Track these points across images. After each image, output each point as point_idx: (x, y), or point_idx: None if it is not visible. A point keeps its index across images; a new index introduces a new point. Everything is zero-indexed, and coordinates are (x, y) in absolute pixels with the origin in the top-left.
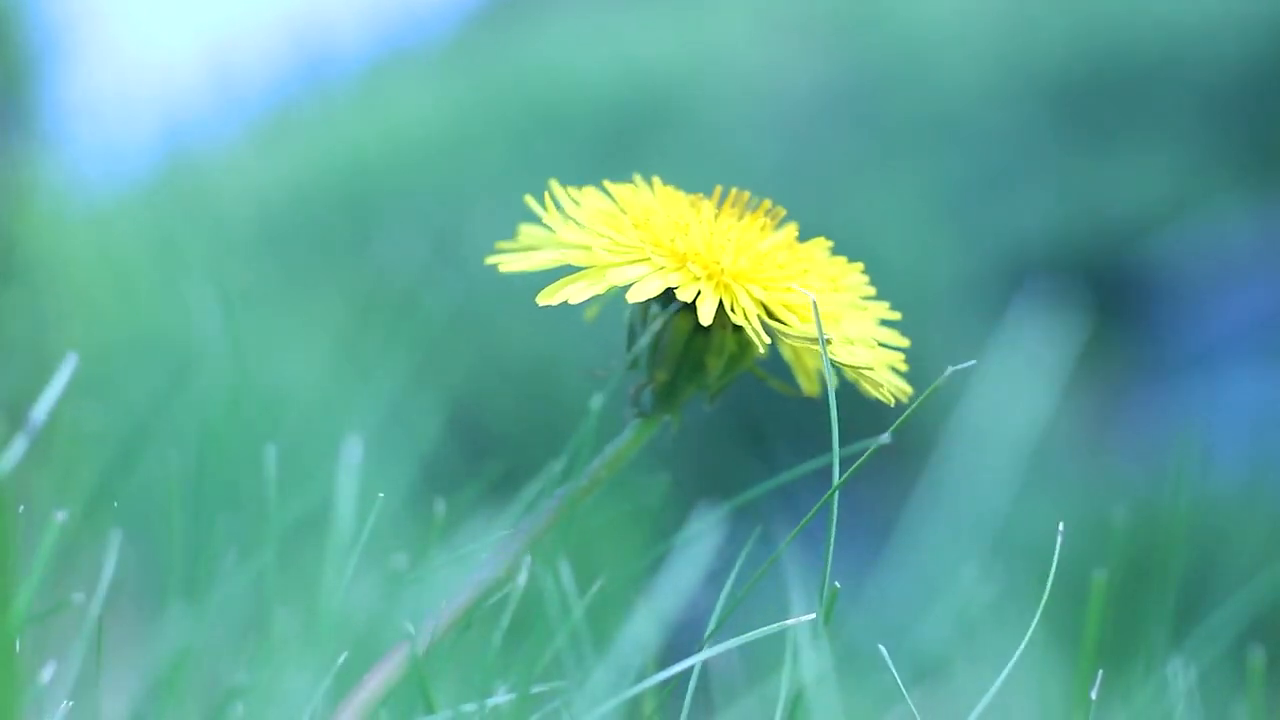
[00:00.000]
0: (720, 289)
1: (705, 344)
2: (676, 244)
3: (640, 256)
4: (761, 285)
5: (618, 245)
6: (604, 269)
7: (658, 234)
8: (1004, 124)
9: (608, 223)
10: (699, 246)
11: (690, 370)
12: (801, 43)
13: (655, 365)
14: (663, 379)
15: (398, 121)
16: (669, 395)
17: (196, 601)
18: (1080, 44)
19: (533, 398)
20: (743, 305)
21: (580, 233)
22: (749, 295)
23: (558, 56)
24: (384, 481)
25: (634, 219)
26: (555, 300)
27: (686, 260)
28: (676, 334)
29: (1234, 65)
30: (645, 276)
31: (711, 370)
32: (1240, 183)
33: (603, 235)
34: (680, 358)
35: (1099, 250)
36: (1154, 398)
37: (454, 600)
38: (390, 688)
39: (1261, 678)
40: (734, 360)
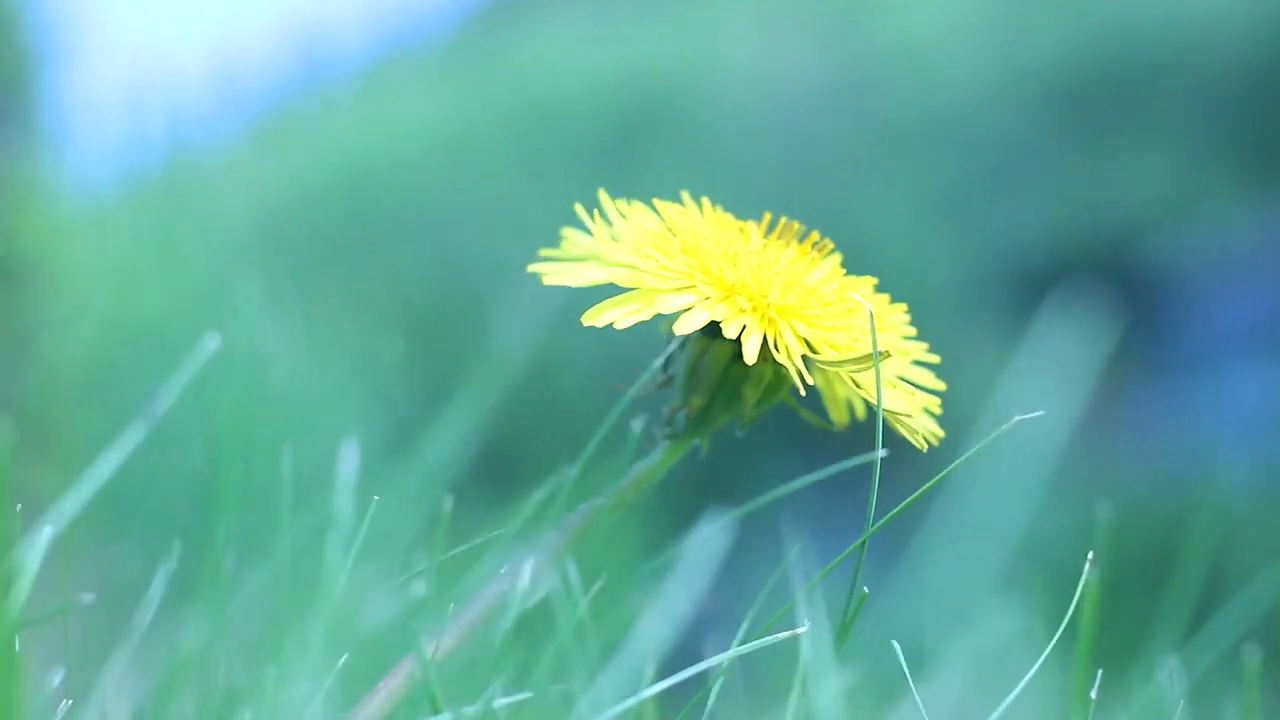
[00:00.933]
0: (765, 323)
1: (743, 374)
2: (725, 275)
3: (688, 284)
4: (806, 323)
5: (664, 270)
6: (651, 294)
7: (706, 262)
8: (1004, 124)
9: (656, 245)
10: (746, 278)
11: (726, 398)
12: (801, 43)
13: (691, 390)
14: (698, 404)
15: (398, 122)
16: (703, 420)
17: (201, 604)
18: (1080, 44)
19: (532, 398)
20: (786, 343)
21: (628, 253)
22: (793, 332)
23: (558, 57)
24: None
25: (682, 243)
26: (600, 322)
27: (734, 292)
28: (715, 362)
29: (1234, 65)
30: (692, 306)
31: (748, 400)
32: (1241, 182)
33: (650, 258)
34: (717, 385)
35: (1099, 250)
36: (1155, 397)
37: (467, 613)
38: (400, 700)
39: (1257, 678)
40: (770, 391)
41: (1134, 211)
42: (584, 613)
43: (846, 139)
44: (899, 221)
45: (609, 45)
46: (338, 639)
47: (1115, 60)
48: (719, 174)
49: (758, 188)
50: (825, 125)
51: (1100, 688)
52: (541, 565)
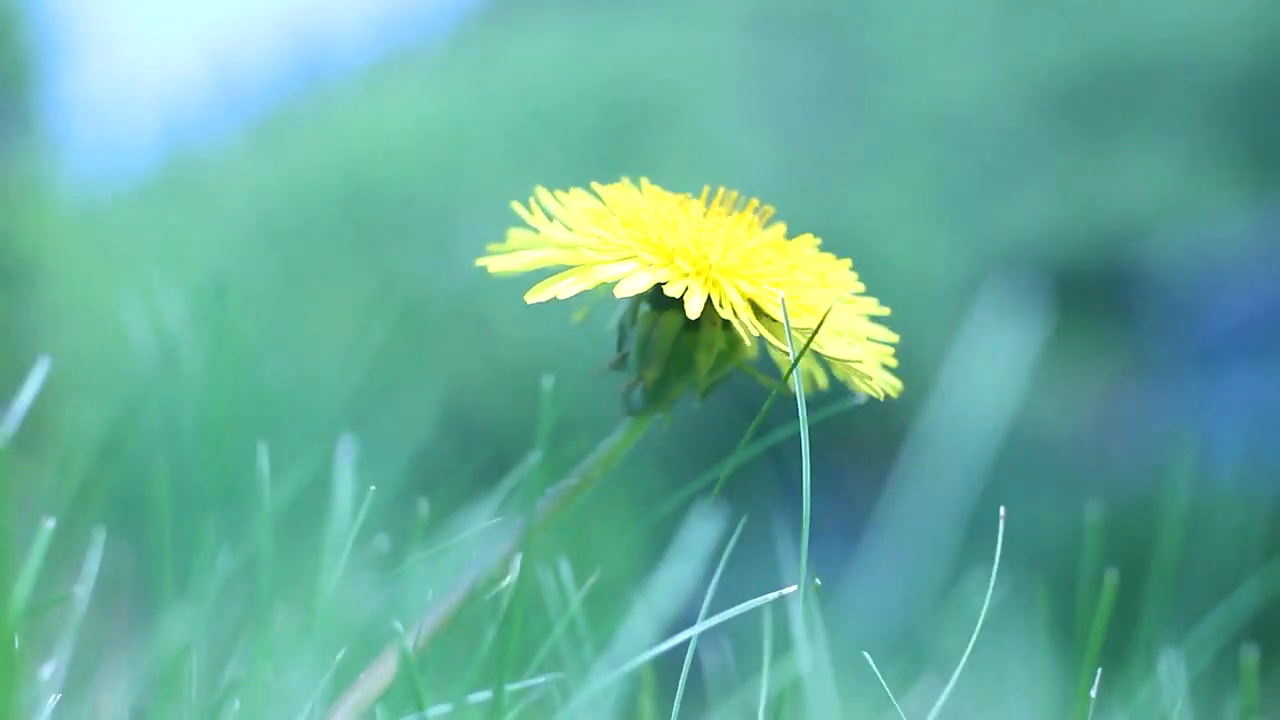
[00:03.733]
0: (708, 284)
1: (694, 341)
2: (665, 241)
3: (628, 254)
4: (749, 280)
5: (606, 244)
6: (591, 266)
7: (646, 231)
8: (1004, 124)
9: (596, 222)
10: (687, 243)
11: (680, 367)
12: (798, 41)
13: (645, 363)
14: (653, 376)
15: (395, 121)
16: (659, 393)
17: (193, 598)
18: (1080, 44)
19: (527, 394)
20: (731, 300)
21: (568, 233)
22: (737, 290)
23: (555, 56)
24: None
25: (622, 218)
26: (544, 297)
27: (674, 256)
28: (665, 331)
29: (1233, 65)
30: (633, 272)
31: (701, 367)
32: (1238, 182)
33: (591, 234)
34: (670, 355)
35: (1098, 249)
36: (1152, 396)
37: (445, 598)
38: (385, 687)
39: (1255, 676)
40: (723, 357)
41: (1133, 211)
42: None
43: (844, 138)
44: (898, 221)
45: (607, 44)
46: (330, 632)
47: (1115, 60)
48: (717, 173)
49: (756, 187)
50: (823, 124)
51: (1098, 685)
52: (513, 549)
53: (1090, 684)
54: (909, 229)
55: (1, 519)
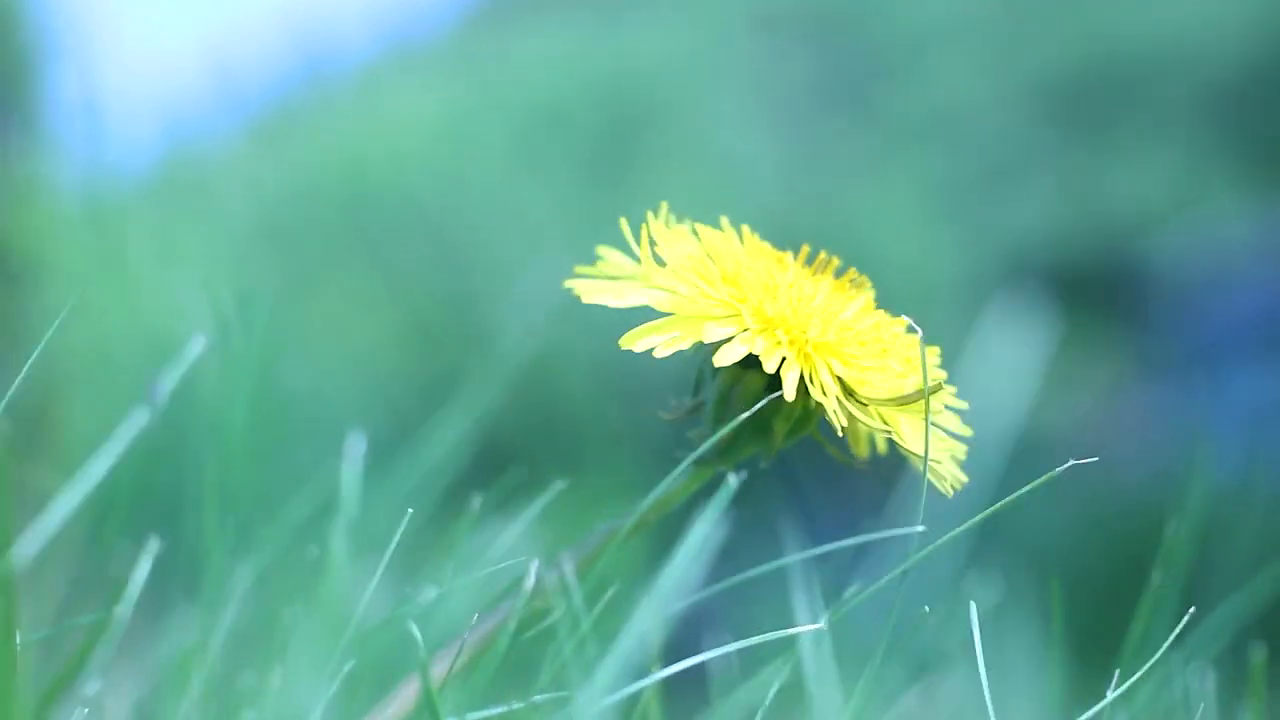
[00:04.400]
0: (802, 359)
1: (774, 407)
2: (765, 308)
3: (730, 313)
4: (843, 361)
5: (706, 298)
6: (692, 322)
7: (746, 292)
8: (1003, 122)
9: (696, 271)
10: (786, 313)
11: (755, 430)
12: (799, 39)
13: (721, 420)
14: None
15: (397, 119)
16: (730, 450)
17: (204, 604)
18: (1080, 43)
19: (531, 397)
20: (821, 380)
21: (669, 277)
22: (829, 371)
23: (557, 54)
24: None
25: (722, 271)
26: (639, 348)
27: (773, 326)
28: (747, 392)
29: (1234, 64)
30: (734, 339)
31: (777, 433)
32: (1239, 181)
33: (692, 285)
34: (747, 417)
35: (1099, 248)
36: (1154, 396)
37: (479, 629)
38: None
39: (1263, 675)
40: (799, 425)
41: (1135, 210)
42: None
43: (845, 137)
44: (898, 221)
45: (608, 43)
46: (340, 640)
47: (1116, 59)
48: (718, 172)
49: (756, 186)
50: (823, 123)
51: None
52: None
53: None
54: (909, 229)
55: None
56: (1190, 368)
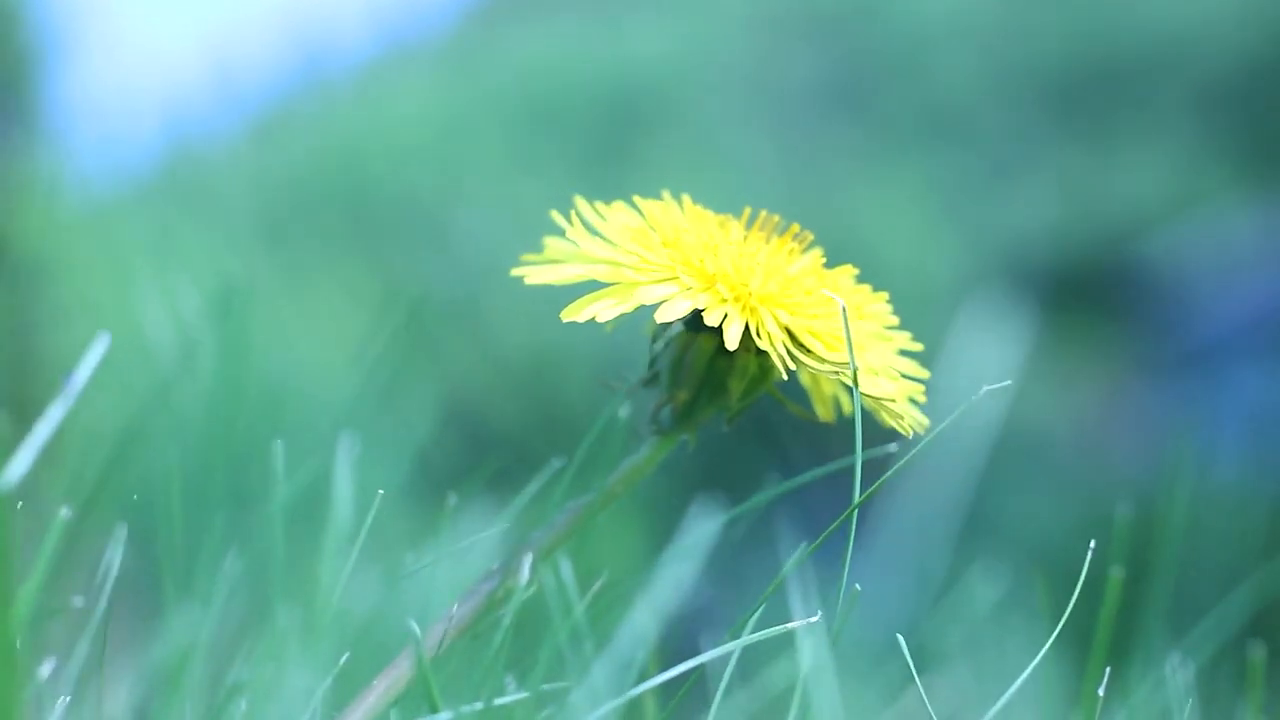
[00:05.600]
0: (747, 312)
1: (728, 366)
2: (705, 265)
3: (669, 275)
4: (788, 310)
5: (646, 263)
6: (632, 287)
7: (687, 253)
8: (1003, 120)
9: (636, 240)
10: (728, 268)
11: (712, 391)
12: (799, 37)
13: (676, 384)
14: (684, 399)
15: (396, 116)
16: (689, 415)
17: (197, 598)
18: (1080, 40)
19: (529, 392)
20: (768, 330)
21: (608, 249)
22: (775, 320)
23: (554, 52)
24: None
25: (663, 237)
26: (581, 317)
27: (715, 282)
28: (700, 355)
29: (1234, 62)
30: (674, 296)
31: (733, 392)
32: (1240, 180)
33: (631, 252)
34: (702, 378)
35: (1099, 247)
36: (1154, 394)
37: (460, 608)
38: (396, 695)
39: (1261, 674)
40: (755, 383)
41: (1134, 209)
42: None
43: (845, 134)
44: (898, 217)
45: (606, 40)
46: (335, 633)
47: (1115, 58)
48: (717, 170)
49: (756, 184)
50: (824, 120)
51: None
52: (533, 561)
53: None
54: (909, 228)
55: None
56: (1190, 367)
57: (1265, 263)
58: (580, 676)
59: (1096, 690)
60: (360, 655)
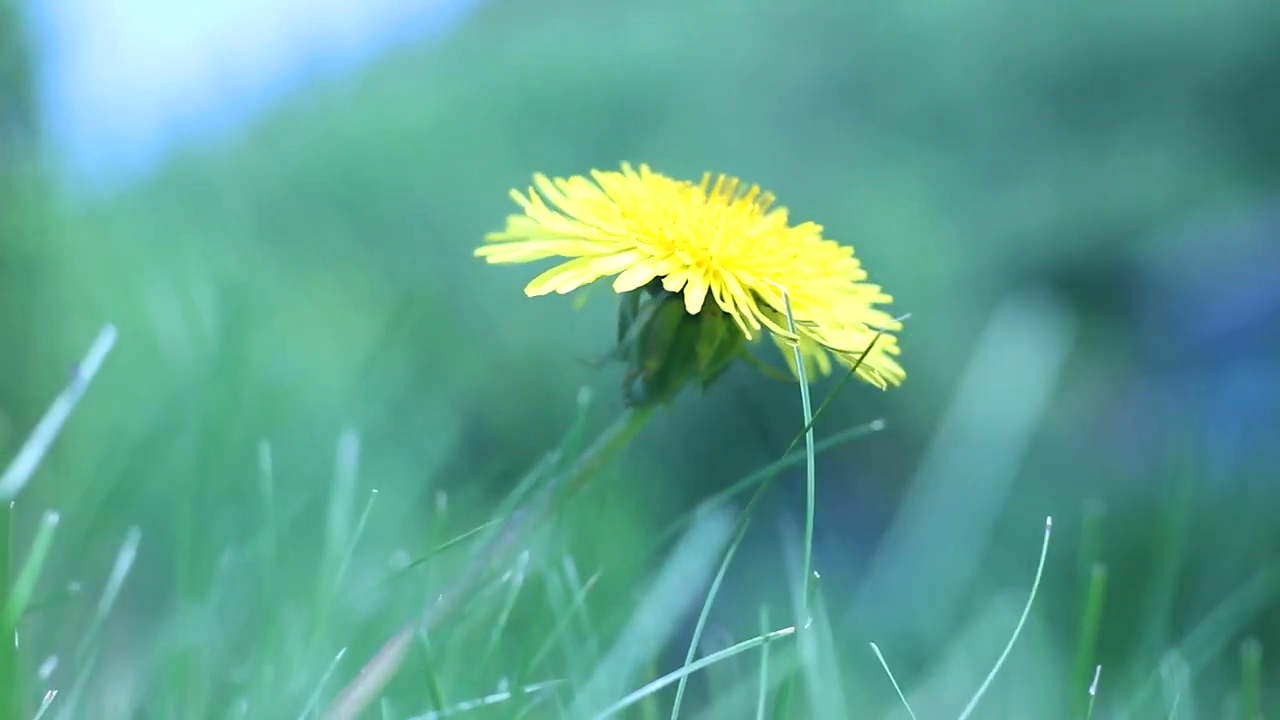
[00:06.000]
0: (709, 276)
1: (696, 331)
2: (664, 232)
3: (627, 245)
4: (750, 271)
5: (605, 235)
6: (590, 258)
7: (645, 222)
8: (1003, 120)
9: (595, 212)
10: (687, 233)
11: (681, 358)
12: (800, 37)
13: (646, 354)
14: (654, 368)
15: (396, 116)
16: (661, 384)
17: (198, 598)
18: (1080, 40)
19: (529, 391)
20: (732, 292)
21: (568, 223)
22: (738, 282)
23: (555, 51)
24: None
25: (621, 208)
26: (543, 290)
27: (674, 248)
28: (666, 322)
29: (1234, 62)
30: (632, 265)
31: (703, 357)
32: (1241, 180)
33: (590, 225)
34: (671, 346)
35: (1099, 246)
36: (1153, 394)
37: (449, 592)
38: (390, 680)
39: (1257, 674)
40: (725, 347)
41: (1134, 209)
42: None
43: (845, 133)
44: (898, 216)
45: (607, 39)
46: (334, 630)
47: (1115, 57)
48: (717, 167)
49: (756, 182)
50: (824, 120)
51: (1099, 683)
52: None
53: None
54: (909, 227)
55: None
56: (1190, 367)
57: (1265, 263)
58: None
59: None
60: (360, 654)
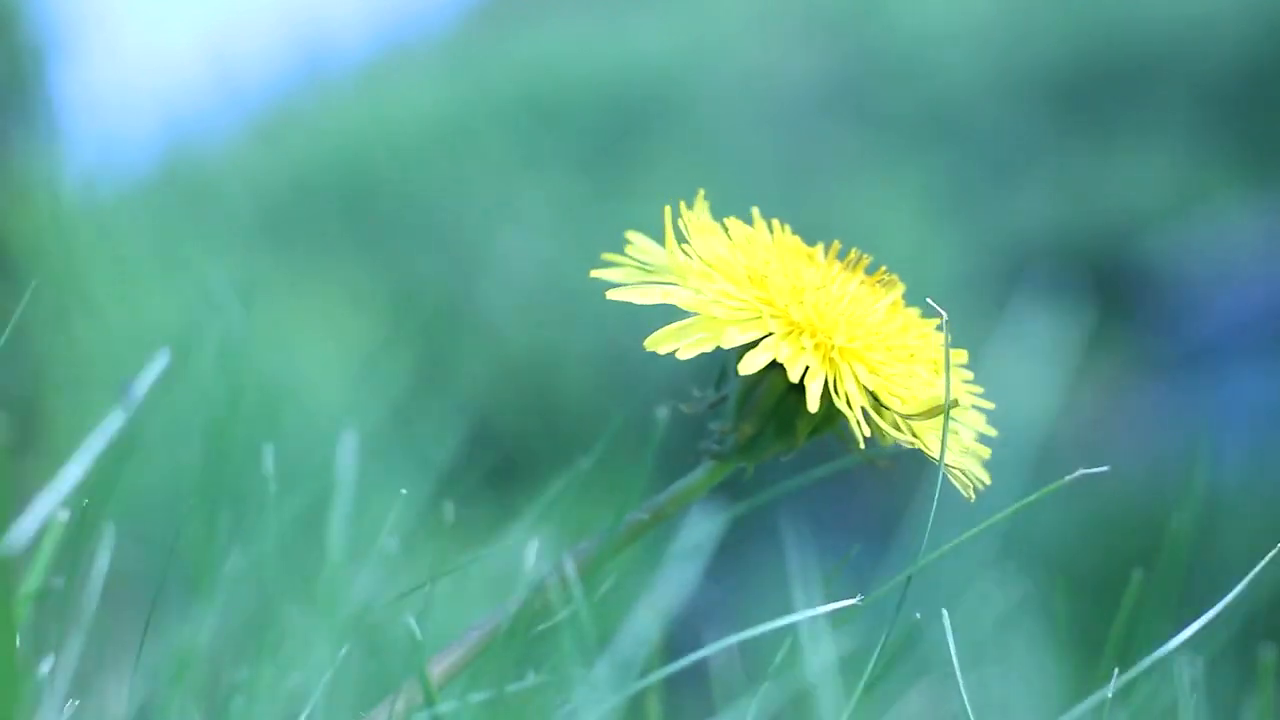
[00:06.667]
0: (827, 364)
1: (798, 406)
2: (791, 312)
3: (754, 315)
4: (869, 368)
5: (731, 300)
6: (718, 326)
7: (773, 295)
8: (1004, 119)
9: (723, 272)
10: (813, 317)
11: (778, 429)
12: (801, 37)
13: (743, 417)
14: (749, 432)
15: (398, 115)
16: (751, 448)
17: (199, 597)
18: (1080, 39)
19: (530, 391)
20: (846, 389)
21: (695, 277)
22: (855, 380)
23: (557, 51)
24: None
25: (749, 271)
26: (663, 350)
27: (799, 331)
28: (770, 391)
29: (1235, 62)
30: (760, 345)
31: (800, 433)
32: (1241, 179)
33: (718, 285)
34: (770, 415)
35: (1100, 246)
36: (1155, 393)
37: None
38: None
39: (1271, 675)
40: (823, 423)
41: (1134, 207)
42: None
43: (846, 134)
44: (898, 217)
45: (609, 40)
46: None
47: (1116, 56)
48: (719, 169)
49: (757, 182)
50: (825, 120)
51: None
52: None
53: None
54: (909, 227)
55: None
56: (1191, 366)
57: (1265, 262)
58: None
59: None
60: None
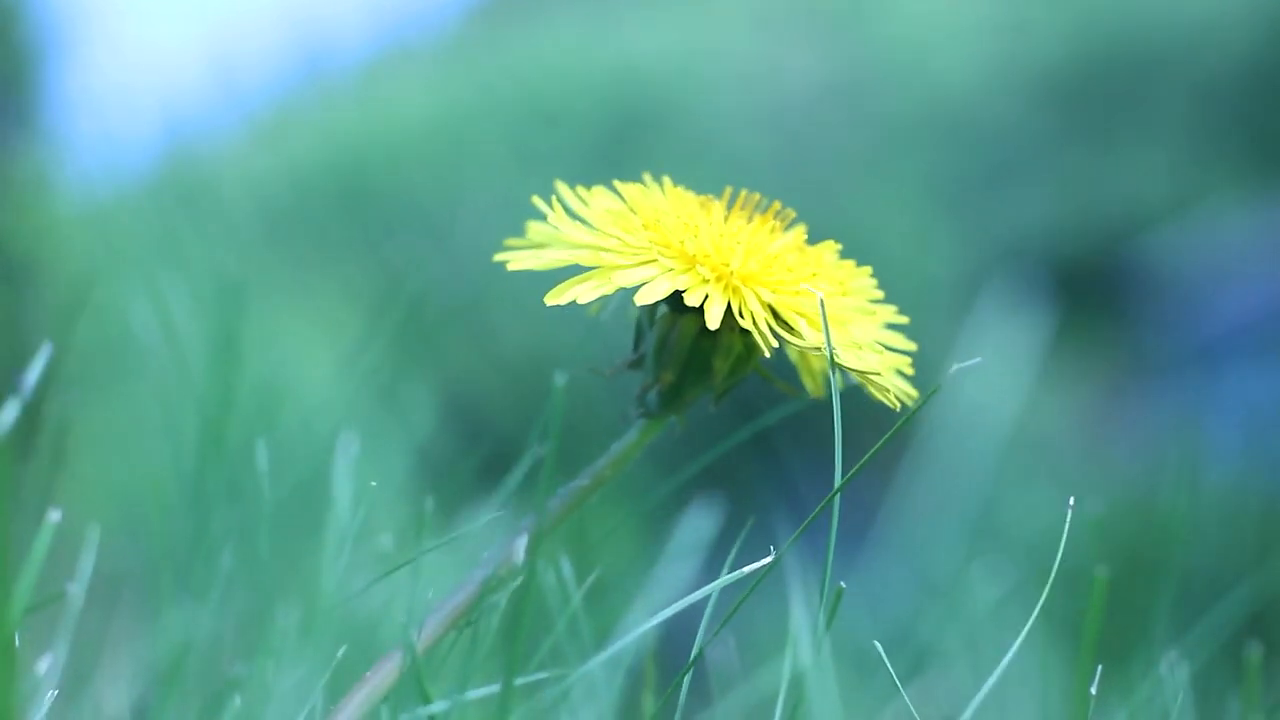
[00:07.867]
0: (728, 292)
1: (712, 346)
2: (686, 246)
3: (649, 258)
4: (770, 288)
5: (626, 246)
6: (612, 270)
7: (667, 235)
8: (1002, 120)
9: (616, 223)
10: (708, 249)
11: (696, 372)
12: (799, 39)
13: (661, 366)
14: (669, 380)
15: (397, 116)
16: (675, 396)
17: (195, 595)
18: (1079, 39)
19: (528, 391)
20: (751, 309)
21: (588, 233)
22: (757, 299)
23: (556, 52)
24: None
25: (643, 220)
26: (563, 300)
27: (695, 263)
28: (683, 335)
29: (1233, 61)
30: (654, 279)
31: (718, 372)
32: (1239, 179)
33: (611, 236)
34: (687, 359)
35: (1098, 246)
36: (1152, 394)
37: (453, 598)
38: (391, 684)
39: (1258, 673)
40: (740, 362)
41: (1133, 207)
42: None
43: (845, 135)
44: (898, 217)
45: (607, 41)
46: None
47: (1115, 56)
48: (718, 169)
49: (756, 183)
50: (823, 121)
51: (1099, 682)
52: (523, 548)
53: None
54: (909, 227)
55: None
56: (1189, 367)
57: (1265, 262)
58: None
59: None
60: (356, 651)
